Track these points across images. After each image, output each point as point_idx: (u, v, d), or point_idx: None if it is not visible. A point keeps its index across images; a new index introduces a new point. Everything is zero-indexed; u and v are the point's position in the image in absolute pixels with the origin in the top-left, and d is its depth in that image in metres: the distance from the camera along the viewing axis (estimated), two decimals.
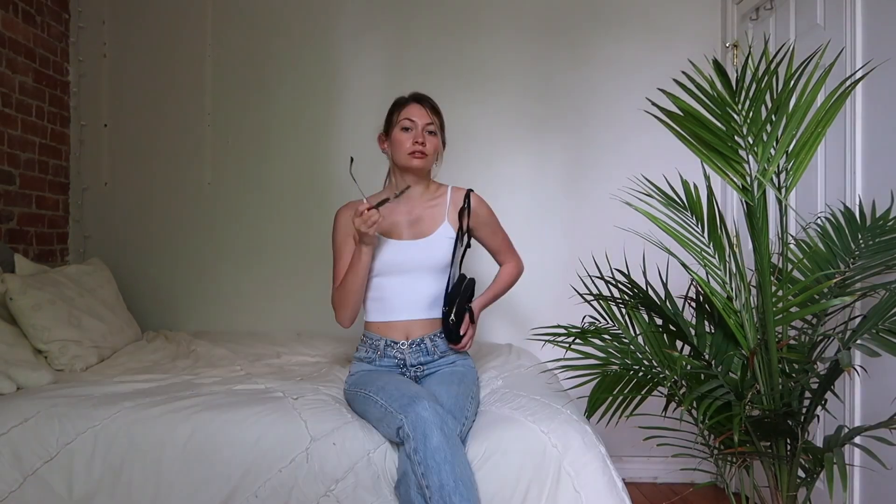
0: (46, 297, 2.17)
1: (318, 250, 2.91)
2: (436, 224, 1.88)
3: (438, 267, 1.86)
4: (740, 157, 1.34)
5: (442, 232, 1.88)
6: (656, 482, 2.82)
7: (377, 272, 1.85)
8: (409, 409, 1.46)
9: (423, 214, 1.89)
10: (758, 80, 1.28)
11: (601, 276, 1.77)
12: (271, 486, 1.50)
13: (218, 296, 3.01)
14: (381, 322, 1.87)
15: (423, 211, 1.90)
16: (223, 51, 3.01)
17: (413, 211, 1.90)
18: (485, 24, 2.94)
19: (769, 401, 1.44)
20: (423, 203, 1.91)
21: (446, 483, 1.37)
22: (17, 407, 1.63)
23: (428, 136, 1.84)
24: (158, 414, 1.60)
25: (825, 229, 1.68)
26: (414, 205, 1.90)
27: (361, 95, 2.97)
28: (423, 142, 1.83)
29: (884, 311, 1.38)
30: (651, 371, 1.59)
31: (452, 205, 1.91)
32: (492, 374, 2.08)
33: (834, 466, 1.25)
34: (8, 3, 2.65)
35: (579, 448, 1.53)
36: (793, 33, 2.34)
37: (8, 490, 1.53)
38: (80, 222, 3.05)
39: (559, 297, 2.01)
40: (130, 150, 3.04)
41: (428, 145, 1.84)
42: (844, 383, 1.94)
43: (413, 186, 1.89)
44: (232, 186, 3.01)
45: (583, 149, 2.91)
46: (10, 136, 2.67)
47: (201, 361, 2.35)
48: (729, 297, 1.48)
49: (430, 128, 1.85)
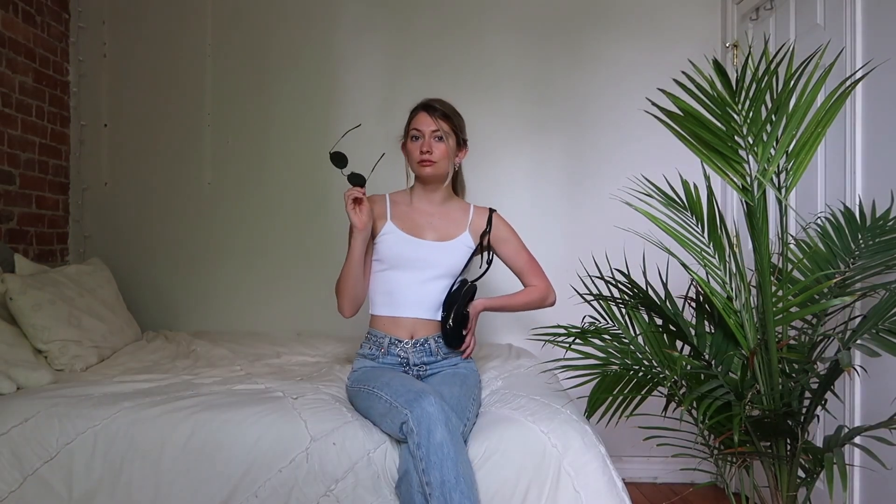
0: (46, 297, 2.17)
1: (318, 250, 2.93)
2: (458, 231, 1.92)
3: (452, 272, 1.88)
4: (740, 157, 1.34)
5: (462, 240, 1.91)
6: (656, 482, 2.82)
7: (391, 265, 1.87)
8: (414, 404, 1.47)
9: (445, 221, 1.92)
10: (758, 80, 1.28)
11: (601, 276, 1.77)
12: (271, 486, 1.50)
13: (218, 296, 3.01)
14: (387, 317, 1.87)
15: (445, 217, 1.93)
16: (223, 51, 3.01)
17: (435, 215, 1.92)
18: (485, 24, 2.94)
19: (769, 401, 1.44)
20: (445, 211, 1.94)
21: (447, 479, 1.37)
22: (17, 407, 1.63)
23: (435, 142, 1.84)
24: (158, 414, 1.60)
25: (825, 229, 1.68)
26: (434, 211, 1.93)
27: (361, 95, 2.97)
28: (428, 150, 1.83)
29: (884, 311, 1.38)
30: (651, 371, 1.59)
31: (474, 221, 1.95)
32: (492, 375, 2.08)
33: (834, 466, 1.25)
34: (8, 3, 2.65)
35: (579, 448, 1.53)
36: (793, 33, 2.34)
37: (8, 490, 1.53)
38: (80, 222, 3.05)
39: (559, 297, 2.01)
40: (130, 150, 3.04)
41: (435, 152, 1.84)
42: (844, 383, 1.94)
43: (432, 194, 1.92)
44: (232, 186, 3.01)
45: (583, 149, 2.91)
46: (10, 136, 2.67)
47: (201, 361, 2.34)
48: (729, 297, 1.48)
49: (437, 134, 1.85)
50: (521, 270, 2.00)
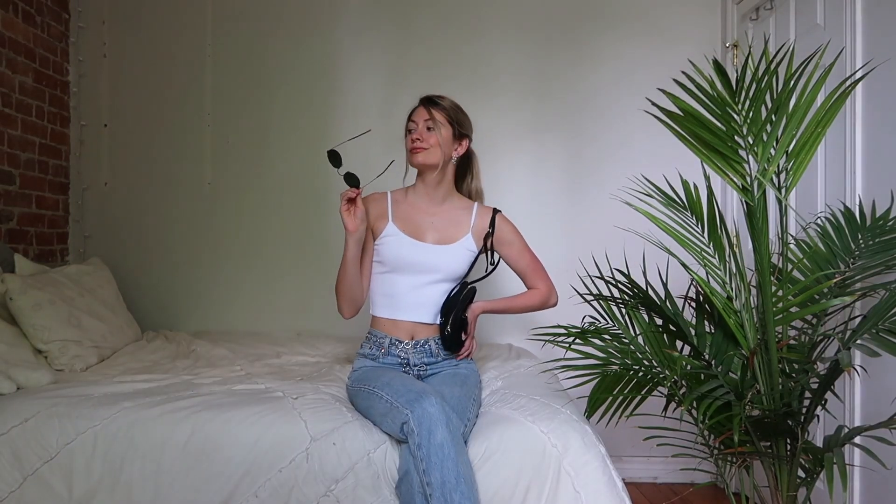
0: (46, 297, 2.17)
1: (318, 250, 2.93)
2: (459, 234, 1.90)
3: (453, 276, 1.88)
4: (740, 157, 1.34)
5: (464, 243, 1.90)
6: (656, 482, 2.82)
7: (392, 268, 1.87)
8: (415, 404, 1.46)
9: (447, 221, 1.91)
10: (758, 80, 1.28)
11: (601, 276, 1.77)
12: (271, 486, 1.50)
13: (218, 296, 3.01)
14: (387, 319, 1.88)
15: (447, 218, 1.91)
16: (223, 51, 3.01)
17: (437, 215, 1.91)
18: (485, 23, 2.94)
19: (769, 401, 1.44)
20: (447, 210, 1.92)
21: (448, 479, 1.37)
22: (17, 407, 1.63)
23: (426, 131, 1.85)
24: (158, 414, 1.60)
25: (825, 229, 1.68)
26: (436, 210, 1.92)
27: (361, 95, 2.97)
28: (420, 137, 1.84)
29: (884, 311, 1.38)
30: (651, 371, 1.59)
31: (477, 223, 1.93)
32: (492, 375, 2.08)
33: (834, 466, 1.25)
34: (8, 3, 2.65)
35: (579, 448, 1.53)
36: (793, 33, 2.34)
37: (8, 490, 1.53)
38: (80, 222, 3.05)
39: (559, 297, 2.01)
40: (130, 150, 3.04)
41: (426, 139, 1.84)
42: (844, 383, 1.94)
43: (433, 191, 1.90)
44: (232, 186, 3.01)
45: (583, 149, 2.91)
46: (10, 136, 2.67)
47: (201, 361, 2.34)
48: (729, 297, 1.48)
49: (429, 124, 1.85)
50: (524, 273, 1.98)
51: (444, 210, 1.93)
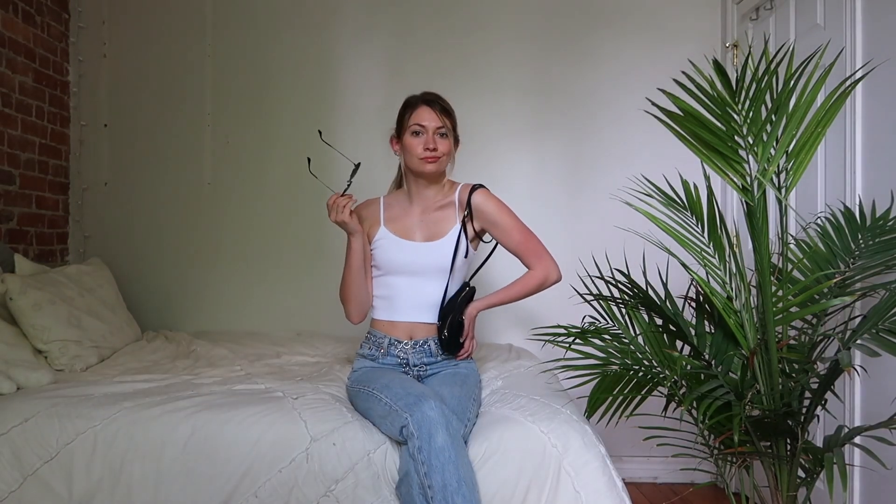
0: (46, 297, 2.17)
1: (318, 250, 2.93)
2: (447, 227, 1.87)
3: (443, 270, 1.85)
4: (740, 157, 1.34)
5: (453, 235, 1.86)
6: (656, 482, 2.82)
7: (387, 271, 1.87)
8: (414, 408, 1.46)
9: (436, 217, 1.88)
10: (758, 80, 1.28)
11: (601, 276, 1.77)
12: (271, 486, 1.50)
13: (218, 296, 3.01)
14: (386, 321, 1.88)
15: (435, 213, 1.89)
16: (223, 51, 3.01)
17: (426, 213, 1.89)
18: (485, 23, 2.93)
19: (769, 401, 1.44)
20: (436, 205, 1.90)
21: (449, 483, 1.37)
22: (17, 407, 1.63)
23: (439, 139, 1.81)
24: (158, 414, 1.60)
25: (825, 229, 1.68)
26: (427, 206, 1.90)
27: (361, 95, 2.97)
28: (434, 147, 1.80)
29: (884, 311, 1.38)
30: (651, 371, 1.59)
31: (459, 206, 1.88)
32: (492, 375, 2.08)
33: (834, 466, 1.25)
34: (8, 3, 2.65)
35: (579, 448, 1.53)
36: (793, 33, 2.34)
37: (8, 490, 1.53)
38: (80, 222, 3.05)
39: (559, 297, 2.01)
40: (130, 150, 3.04)
41: (440, 148, 1.81)
42: (844, 383, 1.94)
43: (425, 190, 1.89)
44: (232, 186, 3.01)
45: (583, 148, 2.91)
46: (10, 136, 2.67)
47: (201, 361, 2.34)
48: (729, 297, 1.48)
49: (441, 130, 1.82)
50: (516, 253, 1.88)
51: (434, 205, 1.90)
